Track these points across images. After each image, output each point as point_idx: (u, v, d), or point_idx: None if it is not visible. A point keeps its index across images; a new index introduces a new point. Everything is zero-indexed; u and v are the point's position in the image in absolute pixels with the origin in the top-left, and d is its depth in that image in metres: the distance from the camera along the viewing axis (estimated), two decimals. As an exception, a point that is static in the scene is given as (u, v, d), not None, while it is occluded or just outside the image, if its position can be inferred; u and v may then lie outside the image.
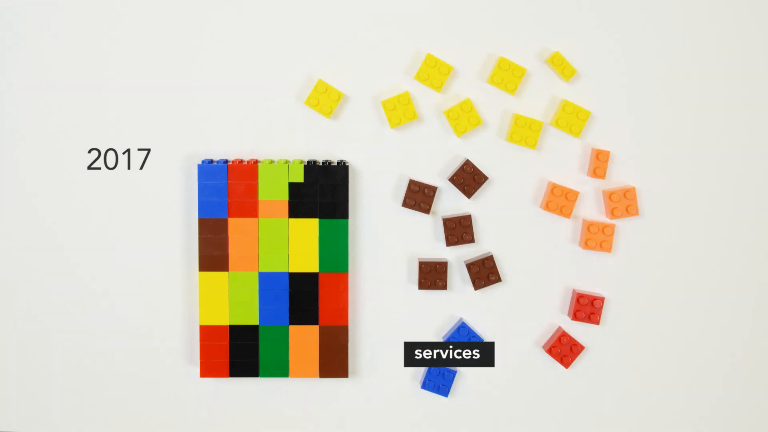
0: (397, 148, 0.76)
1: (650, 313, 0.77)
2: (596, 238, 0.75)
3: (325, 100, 0.74)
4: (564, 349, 0.76)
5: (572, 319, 0.76)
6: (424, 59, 0.74)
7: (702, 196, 0.76)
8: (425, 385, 0.77)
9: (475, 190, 0.75)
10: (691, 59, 0.75)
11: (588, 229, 0.75)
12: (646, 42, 0.75)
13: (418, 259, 0.76)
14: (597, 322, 0.75)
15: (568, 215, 0.74)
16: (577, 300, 0.75)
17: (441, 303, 0.77)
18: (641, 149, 0.76)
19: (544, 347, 0.77)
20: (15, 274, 0.77)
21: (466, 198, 0.76)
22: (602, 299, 0.75)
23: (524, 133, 0.74)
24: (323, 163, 0.75)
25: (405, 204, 0.75)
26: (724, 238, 0.77)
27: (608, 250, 0.75)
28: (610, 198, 0.75)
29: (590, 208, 0.77)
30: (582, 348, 0.76)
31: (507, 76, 0.74)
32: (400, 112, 0.74)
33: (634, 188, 0.74)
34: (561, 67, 0.74)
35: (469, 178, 0.74)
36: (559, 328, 0.77)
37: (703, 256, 0.77)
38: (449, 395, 0.78)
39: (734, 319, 0.77)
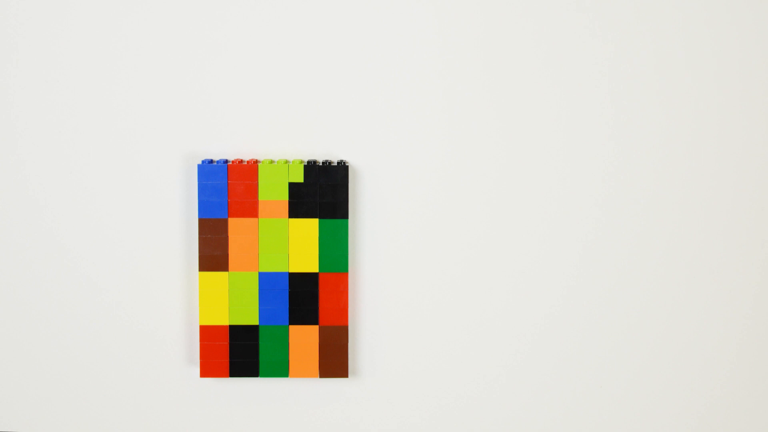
0: (397, 148, 0.76)
1: (647, 311, 0.77)
2: None
3: None
4: None
5: None
6: None
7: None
8: None
9: None
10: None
11: None
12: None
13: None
14: None
15: None
16: None
17: (440, 303, 0.77)
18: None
19: None
20: (14, 274, 0.77)
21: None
22: None
23: None
24: (323, 163, 0.75)
25: None
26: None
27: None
28: None
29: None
30: None
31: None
32: None
33: None
34: None
35: None
36: None
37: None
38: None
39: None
